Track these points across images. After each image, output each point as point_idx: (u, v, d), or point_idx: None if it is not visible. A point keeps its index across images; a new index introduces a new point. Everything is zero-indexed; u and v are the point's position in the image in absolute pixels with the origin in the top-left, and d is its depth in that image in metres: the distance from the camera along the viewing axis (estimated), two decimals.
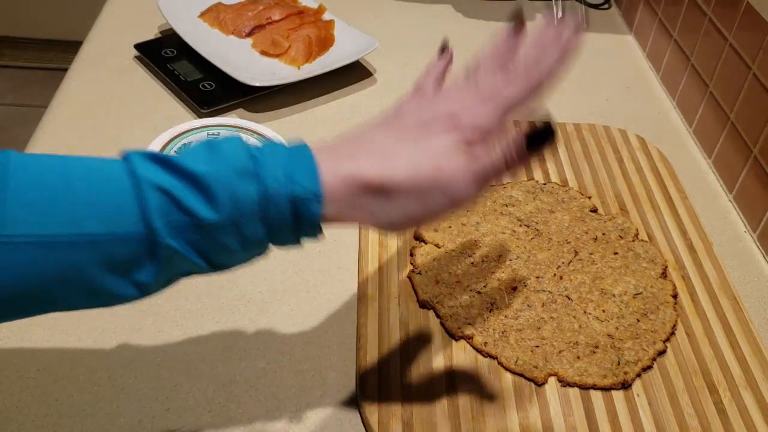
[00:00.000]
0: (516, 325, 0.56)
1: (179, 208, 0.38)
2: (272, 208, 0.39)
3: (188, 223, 0.38)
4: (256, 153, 0.40)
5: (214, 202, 0.38)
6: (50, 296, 0.38)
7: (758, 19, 0.71)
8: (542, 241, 0.63)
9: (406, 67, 0.90)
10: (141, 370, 0.52)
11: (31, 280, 0.36)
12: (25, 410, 0.49)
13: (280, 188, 0.39)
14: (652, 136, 0.82)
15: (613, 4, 1.10)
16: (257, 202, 0.39)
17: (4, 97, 2.13)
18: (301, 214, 0.40)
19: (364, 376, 0.52)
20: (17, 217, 0.35)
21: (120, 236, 0.37)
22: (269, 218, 0.39)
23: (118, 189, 0.38)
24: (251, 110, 0.79)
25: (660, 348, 0.56)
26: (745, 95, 0.73)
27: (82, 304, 0.39)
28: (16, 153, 0.38)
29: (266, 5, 0.91)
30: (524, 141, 0.41)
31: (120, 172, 0.38)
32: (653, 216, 0.68)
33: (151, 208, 0.37)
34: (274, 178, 0.39)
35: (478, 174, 0.41)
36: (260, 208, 0.39)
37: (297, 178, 0.39)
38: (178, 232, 0.38)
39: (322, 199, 0.39)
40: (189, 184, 0.38)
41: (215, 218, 0.38)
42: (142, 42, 0.86)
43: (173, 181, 0.38)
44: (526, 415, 0.51)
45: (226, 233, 0.39)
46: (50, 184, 0.37)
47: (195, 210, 0.38)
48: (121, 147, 0.72)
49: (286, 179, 0.39)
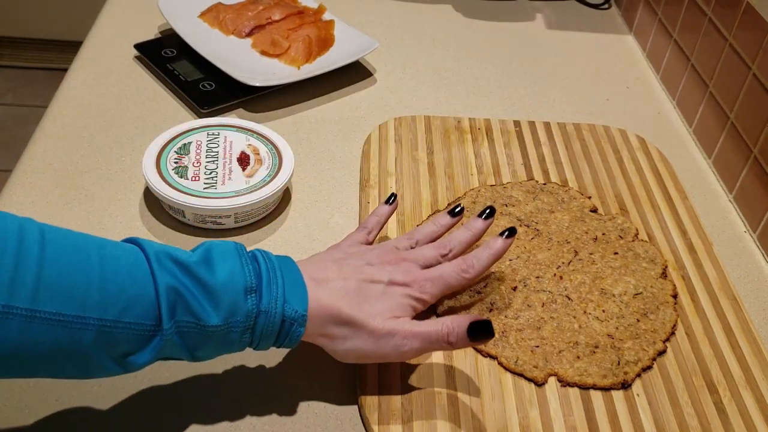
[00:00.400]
0: (516, 325, 0.56)
1: (188, 311, 0.43)
2: (264, 322, 0.45)
3: (193, 325, 0.43)
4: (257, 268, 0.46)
5: (219, 309, 0.43)
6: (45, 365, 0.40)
7: (758, 19, 0.71)
8: (542, 241, 0.63)
9: (406, 67, 0.90)
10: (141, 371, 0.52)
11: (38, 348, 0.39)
12: (25, 410, 0.49)
13: (275, 308, 0.45)
14: (652, 136, 0.82)
15: (613, 4, 1.10)
16: (253, 316, 0.45)
17: (4, 97, 2.13)
18: (286, 332, 0.46)
19: (364, 376, 0.52)
20: (47, 293, 0.38)
21: (129, 325, 0.41)
22: (258, 330, 0.45)
23: (138, 282, 0.42)
24: (251, 110, 0.79)
25: (660, 348, 0.56)
26: (745, 95, 0.73)
27: (70, 374, 0.42)
28: (48, 226, 0.41)
29: (266, 5, 0.91)
30: (467, 327, 0.47)
31: (140, 265, 0.42)
32: (653, 216, 0.68)
33: (165, 306, 0.42)
34: (273, 298, 0.45)
35: (423, 337, 0.48)
36: (253, 321, 0.45)
37: (291, 301, 0.46)
38: (182, 330, 0.43)
39: (306, 321, 0.46)
40: (203, 292, 0.43)
41: (216, 324, 0.44)
42: (142, 42, 0.86)
43: (189, 286, 0.43)
44: (526, 415, 0.51)
45: (219, 337, 0.44)
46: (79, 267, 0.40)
47: (202, 315, 0.43)
48: (122, 147, 0.72)
49: (283, 300, 0.45)
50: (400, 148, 0.74)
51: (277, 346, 0.47)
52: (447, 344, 0.48)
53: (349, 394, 0.52)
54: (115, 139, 0.73)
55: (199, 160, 0.65)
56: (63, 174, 0.68)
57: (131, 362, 0.42)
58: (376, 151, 0.73)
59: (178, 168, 0.64)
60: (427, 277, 0.51)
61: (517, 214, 0.66)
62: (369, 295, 0.49)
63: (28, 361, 0.39)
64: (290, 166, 0.66)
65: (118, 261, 0.42)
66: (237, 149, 0.67)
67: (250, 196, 0.62)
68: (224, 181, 0.64)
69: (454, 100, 0.85)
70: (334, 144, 0.76)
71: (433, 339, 0.48)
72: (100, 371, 0.42)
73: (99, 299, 0.40)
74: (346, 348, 0.48)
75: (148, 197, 0.67)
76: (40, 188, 0.67)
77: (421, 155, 0.73)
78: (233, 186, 0.63)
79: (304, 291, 0.47)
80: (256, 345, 0.46)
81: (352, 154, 0.75)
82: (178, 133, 0.68)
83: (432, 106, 0.83)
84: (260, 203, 0.63)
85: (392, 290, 0.50)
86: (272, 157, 0.67)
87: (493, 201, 0.67)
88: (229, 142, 0.68)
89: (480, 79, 0.89)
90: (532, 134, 0.78)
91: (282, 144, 0.69)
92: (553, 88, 0.89)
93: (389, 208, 0.58)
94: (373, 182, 0.69)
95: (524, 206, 0.67)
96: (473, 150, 0.75)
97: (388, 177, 0.70)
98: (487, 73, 0.90)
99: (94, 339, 0.40)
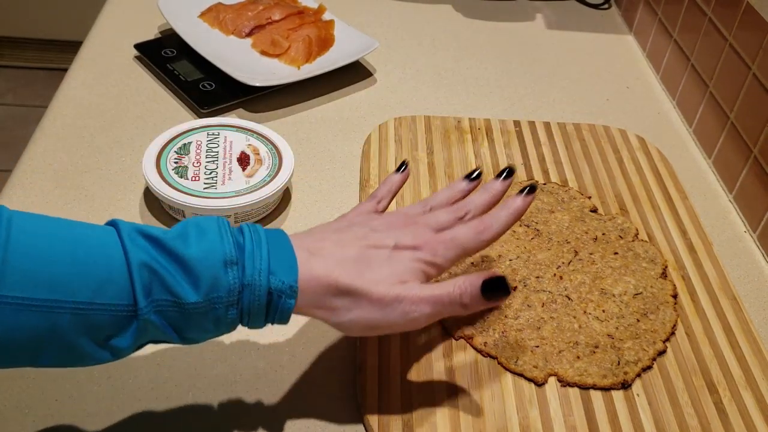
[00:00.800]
0: (516, 325, 0.56)
1: (165, 288, 0.40)
2: (250, 297, 0.42)
3: (171, 303, 0.41)
4: (242, 240, 0.43)
5: (198, 286, 0.41)
6: (31, 353, 0.39)
7: (758, 19, 0.71)
8: (542, 241, 0.63)
9: (406, 67, 0.90)
10: (141, 371, 0.52)
11: (13, 336, 0.38)
12: (25, 410, 0.49)
13: (260, 280, 0.42)
14: (652, 136, 0.82)
15: (613, 4, 1.10)
16: (237, 291, 0.42)
17: (4, 97, 2.13)
18: (275, 305, 0.43)
19: (364, 376, 0.52)
20: (13, 278, 0.37)
21: (104, 307, 0.39)
22: (245, 305, 0.42)
23: (109, 262, 0.40)
24: (251, 110, 0.79)
25: (660, 348, 0.56)
26: (745, 95, 0.73)
27: (56, 362, 0.41)
28: (17, 213, 0.39)
29: (266, 5, 0.91)
30: (480, 285, 0.44)
31: (112, 245, 0.40)
32: (653, 216, 0.68)
33: (138, 284, 0.40)
34: (257, 270, 0.42)
35: (433, 301, 0.45)
36: (239, 295, 0.42)
37: (277, 272, 0.43)
38: (160, 309, 0.41)
39: (296, 293, 0.43)
40: (177, 267, 0.41)
41: (195, 300, 0.41)
42: (142, 42, 0.86)
43: (162, 262, 0.41)
44: (526, 415, 0.51)
45: (203, 314, 0.42)
46: (46, 249, 0.39)
47: (179, 291, 0.40)
48: (122, 147, 0.72)
49: (267, 272, 0.42)
50: (400, 148, 0.74)
51: (270, 322, 0.44)
52: (460, 306, 0.45)
53: (349, 394, 0.52)
54: (115, 139, 0.73)
55: (199, 160, 0.65)
56: (63, 174, 0.68)
57: (116, 346, 0.41)
58: (376, 151, 0.73)
59: (178, 168, 0.64)
60: (441, 240, 0.47)
61: None
62: (372, 262, 0.46)
63: (6, 348, 0.38)
64: (290, 166, 0.66)
65: (88, 241, 0.40)
66: (237, 149, 0.67)
67: (250, 196, 0.62)
68: (224, 181, 0.64)
69: (454, 100, 0.85)
70: (334, 144, 0.76)
71: (445, 302, 0.45)
72: (87, 358, 0.41)
73: (69, 281, 0.38)
74: (350, 319, 0.45)
75: (148, 197, 0.67)
76: (40, 188, 0.67)
77: (421, 155, 0.73)
78: (233, 186, 0.63)
79: (293, 261, 0.43)
80: (246, 322, 0.44)
81: (352, 154, 0.75)
82: (178, 133, 0.68)
83: (432, 106, 0.83)
84: (260, 203, 0.63)
85: (399, 254, 0.46)
86: (272, 157, 0.67)
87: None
88: (229, 142, 0.68)
89: (480, 79, 0.89)
90: (532, 134, 0.78)
91: (282, 144, 0.69)
92: (553, 88, 0.89)
93: (401, 176, 0.54)
94: (373, 182, 0.69)
95: None
96: (473, 150, 0.75)
97: None
98: (487, 73, 0.90)
99: (70, 323, 0.38)
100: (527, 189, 0.50)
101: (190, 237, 0.42)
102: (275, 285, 0.43)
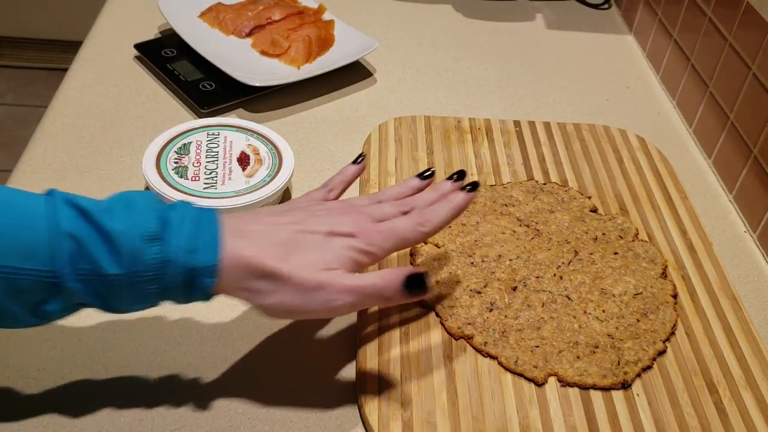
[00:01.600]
0: (516, 325, 0.56)
1: (86, 258, 0.41)
2: (169, 273, 0.43)
3: (92, 272, 0.42)
4: (167, 216, 0.43)
5: (118, 258, 0.42)
6: None
7: (758, 19, 0.71)
8: (542, 241, 0.63)
9: (406, 67, 0.90)
10: (141, 371, 0.52)
11: None
12: (26, 410, 0.49)
13: (180, 257, 0.42)
14: (652, 136, 0.82)
15: (613, 4, 1.10)
16: (156, 266, 0.42)
17: (4, 97, 2.13)
18: (193, 284, 0.43)
19: (364, 376, 0.52)
20: None
21: (30, 272, 0.41)
22: (164, 281, 0.43)
23: (34, 228, 0.41)
24: (251, 110, 0.79)
25: (660, 348, 0.56)
26: (745, 95, 0.73)
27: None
28: None
29: (266, 5, 0.91)
30: (403, 279, 0.45)
31: (41, 212, 0.41)
32: (653, 216, 0.69)
33: (61, 252, 0.41)
34: (177, 247, 0.42)
35: (356, 291, 0.45)
36: (158, 271, 0.42)
37: (198, 251, 0.43)
38: (82, 277, 0.42)
39: (216, 274, 0.43)
40: (101, 238, 0.42)
41: (116, 272, 0.42)
42: (142, 42, 0.86)
43: (87, 232, 0.41)
44: (526, 415, 0.51)
45: (123, 286, 0.42)
46: None
47: (100, 262, 0.41)
48: (122, 147, 0.72)
49: (188, 250, 0.43)
50: (400, 148, 0.74)
51: (190, 300, 0.45)
52: (383, 299, 0.46)
53: (349, 394, 0.52)
54: (115, 139, 0.73)
55: (199, 160, 0.65)
56: (63, 174, 0.68)
57: (45, 311, 0.42)
58: (376, 151, 0.73)
59: (178, 168, 0.64)
60: (378, 230, 0.48)
61: (517, 214, 0.66)
62: (301, 246, 0.46)
63: None
64: (290, 166, 0.66)
65: (18, 209, 0.41)
66: (237, 149, 0.67)
67: (250, 196, 0.63)
68: (224, 181, 0.64)
69: (454, 100, 0.85)
70: (334, 144, 0.76)
71: (368, 293, 0.45)
72: (16, 322, 0.43)
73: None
74: (272, 303, 0.45)
75: None
76: (40, 188, 0.66)
77: (421, 155, 0.73)
78: (233, 186, 0.63)
79: (215, 240, 0.43)
80: (166, 298, 0.44)
81: (352, 154, 0.75)
82: (178, 133, 0.68)
83: (432, 106, 0.83)
84: (260, 203, 0.63)
85: (331, 241, 0.46)
86: (272, 157, 0.67)
87: (493, 201, 0.67)
88: (229, 142, 0.68)
89: (480, 79, 0.89)
90: (532, 134, 0.78)
91: (282, 144, 0.69)
92: (553, 88, 0.89)
93: (356, 167, 0.55)
94: (373, 182, 0.69)
95: (524, 206, 0.67)
96: (473, 150, 0.75)
97: (388, 177, 0.70)
98: (487, 73, 0.90)
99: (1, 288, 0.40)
100: (469, 186, 0.51)
101: (116, 210, 0.43)
102: (194, 263, 0.43)
